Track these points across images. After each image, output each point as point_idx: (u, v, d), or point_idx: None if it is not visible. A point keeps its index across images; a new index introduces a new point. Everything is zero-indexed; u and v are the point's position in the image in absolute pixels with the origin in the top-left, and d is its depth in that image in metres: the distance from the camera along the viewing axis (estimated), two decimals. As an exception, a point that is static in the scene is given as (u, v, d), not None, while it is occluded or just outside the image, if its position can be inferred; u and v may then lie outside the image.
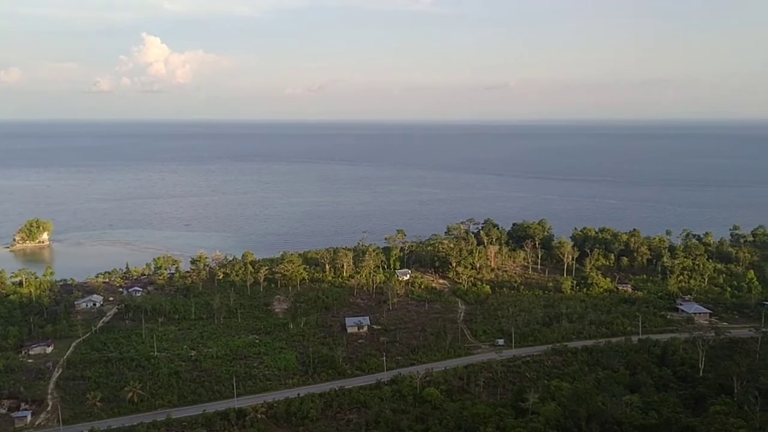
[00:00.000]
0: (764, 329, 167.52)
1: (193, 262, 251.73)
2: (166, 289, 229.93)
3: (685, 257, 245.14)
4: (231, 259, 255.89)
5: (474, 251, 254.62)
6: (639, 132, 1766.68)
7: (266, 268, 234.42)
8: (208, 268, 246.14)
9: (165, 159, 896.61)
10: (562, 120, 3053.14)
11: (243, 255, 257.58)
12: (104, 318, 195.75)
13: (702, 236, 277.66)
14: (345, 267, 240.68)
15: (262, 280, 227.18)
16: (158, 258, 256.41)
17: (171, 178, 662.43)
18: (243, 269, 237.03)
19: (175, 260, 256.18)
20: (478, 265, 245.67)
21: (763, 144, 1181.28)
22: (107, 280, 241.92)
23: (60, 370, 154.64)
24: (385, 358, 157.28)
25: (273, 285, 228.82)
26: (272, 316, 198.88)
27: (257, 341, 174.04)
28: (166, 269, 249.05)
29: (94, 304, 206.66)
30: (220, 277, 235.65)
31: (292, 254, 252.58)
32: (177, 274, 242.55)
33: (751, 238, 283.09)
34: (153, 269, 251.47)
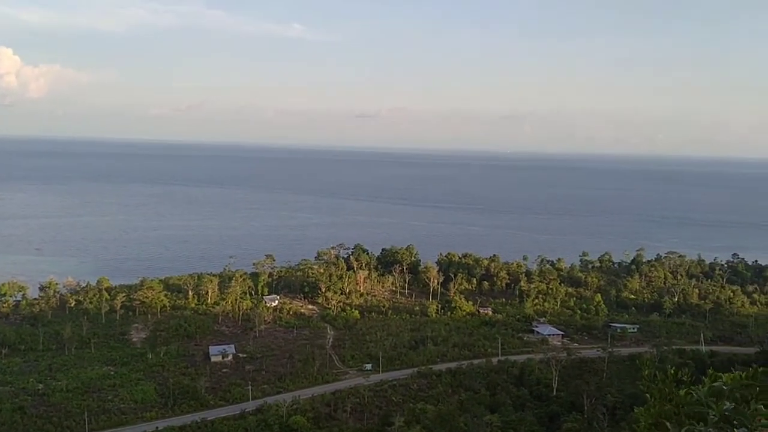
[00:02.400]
0: (610, 349, 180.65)
1: (42, 288, 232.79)
2: (11, 317, 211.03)
3: (540, 281, 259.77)
4: (85, 285, 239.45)
5: (344, 276, 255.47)
6: (501, 163, 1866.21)
7: (123, 294, 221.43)
8: (58, 295, 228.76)
9: (15, 177, 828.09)
10: (432, 150, 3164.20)
11: (98, 281, 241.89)
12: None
13: (555, 262, 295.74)
14: (209, 293, 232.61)
15: (118, 308, 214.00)
16: (2, 284, 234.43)
17: (20, 197, 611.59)
18: (98, 296, 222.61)
19: (22, 286, 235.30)
20: (347, 290, 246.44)
21: (608, 177, 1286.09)
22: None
23: None
24: (250, 387, 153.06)
25: (131, 313, 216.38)
26: (129, 345, 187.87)
27: (112, 373, 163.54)
28: (11, 296, 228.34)
29: None
30: (72, 304, 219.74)
31: (152, 280, 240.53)
32: (24, 302, 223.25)
33: (598, 264, 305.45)
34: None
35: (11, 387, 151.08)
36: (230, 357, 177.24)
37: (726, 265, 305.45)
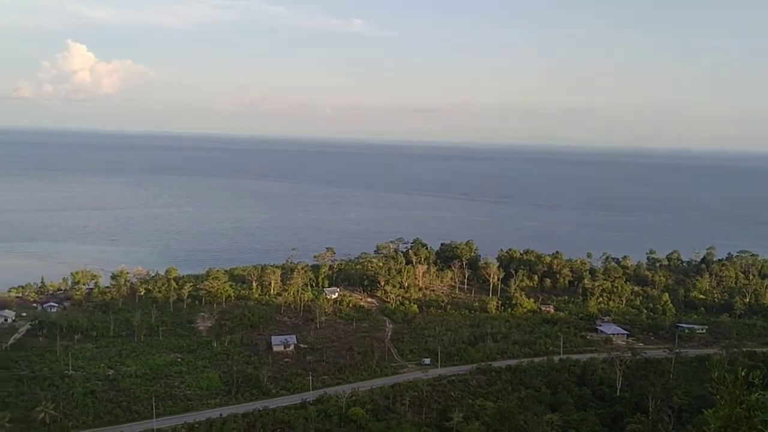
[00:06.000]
0: (677, 350, 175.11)
1: (113, 277, 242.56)
2: (84, 305, 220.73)
3: (604, 279, 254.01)
4: (154, 274, 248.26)
5: (402, 270, 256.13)
6: (564, 158, 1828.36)
7: (190, 284, 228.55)
8: (129, 284, 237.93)
9: (90, 170, 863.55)
10: (492, 144, 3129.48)
11: (166, 271, 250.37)
12: (16, 334, 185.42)
13: (620, 259, 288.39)
14: (272, 284, 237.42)
15: (185, 297, 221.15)
16: (76, 272, 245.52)
17: (95, 189, 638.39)
18: (166, 285, 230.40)
19: (95, 275, 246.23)
20: (406, 284, 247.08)
21: (675, 172, 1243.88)
22: (20, 294, 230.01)
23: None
24: (311, 377, 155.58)
25: (197, 302, 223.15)
26: (195, 334, 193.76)
27: (179, 360, 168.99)
28: (84, 284, 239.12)
29: (6, 320, 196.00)
30: (142, 293, 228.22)
31: (218, 271, 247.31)
32: (96, 290, 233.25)
33: (666, 263, 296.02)
34: (70, 284, 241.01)
35: (83, 371, 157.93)
36: (291, 347, 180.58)
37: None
